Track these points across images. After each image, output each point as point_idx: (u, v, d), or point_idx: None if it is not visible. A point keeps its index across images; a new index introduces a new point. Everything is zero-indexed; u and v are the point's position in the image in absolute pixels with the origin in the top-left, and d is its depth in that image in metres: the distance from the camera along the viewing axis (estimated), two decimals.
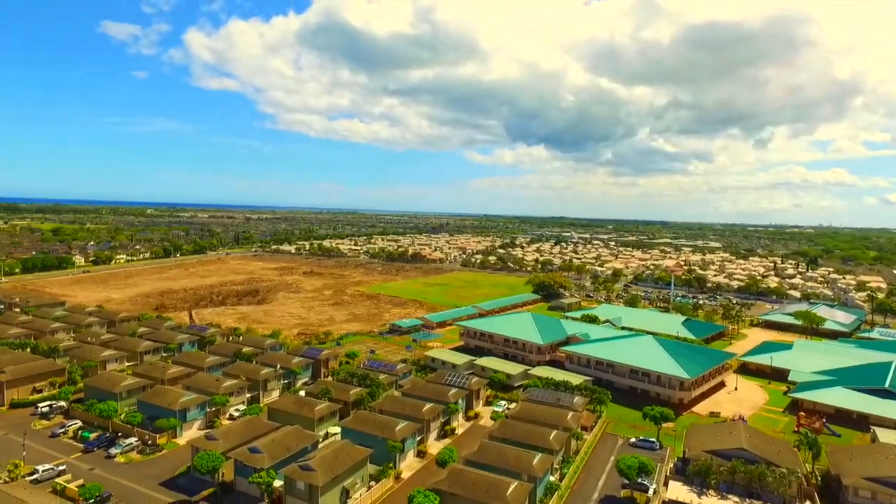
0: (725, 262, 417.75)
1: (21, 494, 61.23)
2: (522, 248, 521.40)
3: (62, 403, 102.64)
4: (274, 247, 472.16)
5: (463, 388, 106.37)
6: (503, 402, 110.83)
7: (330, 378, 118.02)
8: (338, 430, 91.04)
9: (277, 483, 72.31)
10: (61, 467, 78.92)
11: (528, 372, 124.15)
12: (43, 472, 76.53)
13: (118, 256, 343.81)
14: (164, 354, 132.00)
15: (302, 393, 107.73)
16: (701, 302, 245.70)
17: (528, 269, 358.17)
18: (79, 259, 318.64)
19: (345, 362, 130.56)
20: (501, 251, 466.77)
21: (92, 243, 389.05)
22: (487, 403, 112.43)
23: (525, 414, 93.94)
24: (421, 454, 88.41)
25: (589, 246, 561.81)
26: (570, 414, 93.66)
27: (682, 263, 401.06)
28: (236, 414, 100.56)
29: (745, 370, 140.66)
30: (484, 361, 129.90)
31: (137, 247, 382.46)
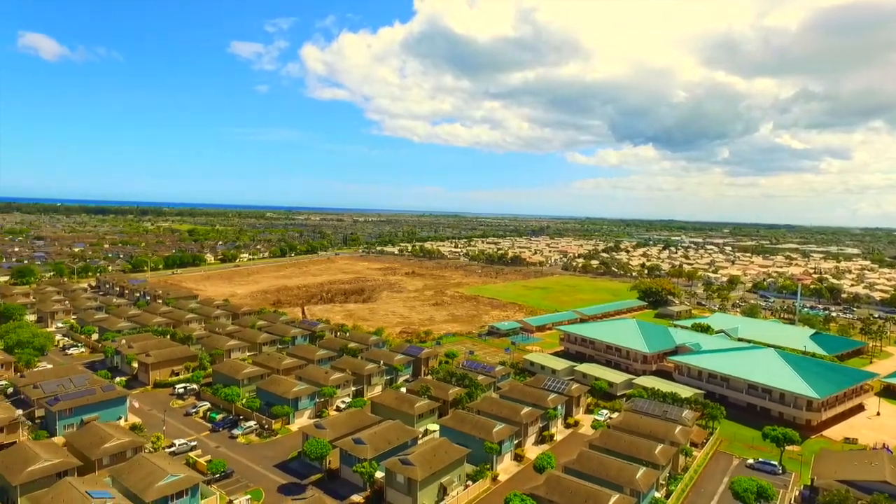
0: (865, 271, 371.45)
1: (162, 463, 69.15)
2: (627, 252, 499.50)
3: (194, 386, 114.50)
4: (378, 248, 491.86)
5: (562, 393, 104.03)
6: (605, 411, 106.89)
7: (430, 376, 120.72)
8: (436, 427, 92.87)
9: (379, 474, 75.31)
10: (193, 443, 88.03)
11: (633, 381, 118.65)
12: (179, 445, 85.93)
13: (242, 255, 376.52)
14: (279, 346, 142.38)
15: (403, 389, 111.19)
16: (833, 314, 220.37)
17: (634, 274, 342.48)
18: (209, 257, 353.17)
19: (444, 362, 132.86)
20: (605, 255, 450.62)
21: (220, 243, 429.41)
22: (588, 411, 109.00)
23: (629, 425, 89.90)
24: (518, 458, 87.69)
25: (701, 251, 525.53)
26: (679, 428, 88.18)
27: (812, 271, 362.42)
28: (342, 406, 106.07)
29: (890, 393, 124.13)
30: (585, 368, 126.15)
31: (258, 247, 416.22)
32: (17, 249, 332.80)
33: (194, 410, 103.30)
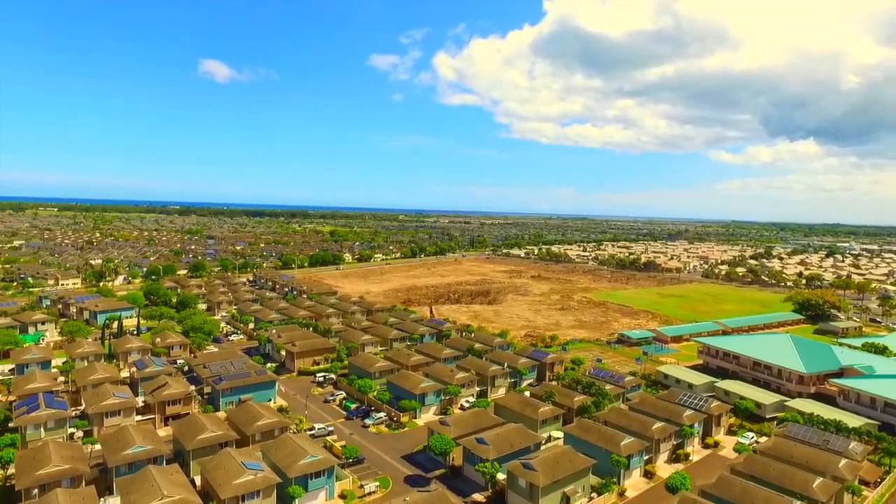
0: None
1: (304, 444, 75.82)
2: (781, 259, 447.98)
3: (332, 376, 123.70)
4: (505, 250, 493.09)
5: (700, 410, 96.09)
6: (750, 434, 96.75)
7: (554, 382, 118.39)
8: (560, 434, 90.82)
9: (500, 476, 75.43)
10: (330, 428, 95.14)
11: (785, 404, 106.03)
12: (318, 429, 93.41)
13: (376, 255, 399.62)
14: (408, 343, 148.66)
15: (527, 393, 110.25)
16: None
17: (789, 284, 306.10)
18: (347, 256, 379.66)
19: (570, 368, 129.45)
20: (753, 262, 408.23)
21: (357, 244, 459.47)
22: (730, 433, 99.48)
23: (780, 452, 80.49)
24: (648, 475, 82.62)
25: (877, 259, 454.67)
26: (844, 461, 77.06)
27: None
28: (466, 405, 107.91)
29: None
30: (728, 385, 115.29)
31: (391, 248, 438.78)
32: (193, 247, 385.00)
33: (332, 398, 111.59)
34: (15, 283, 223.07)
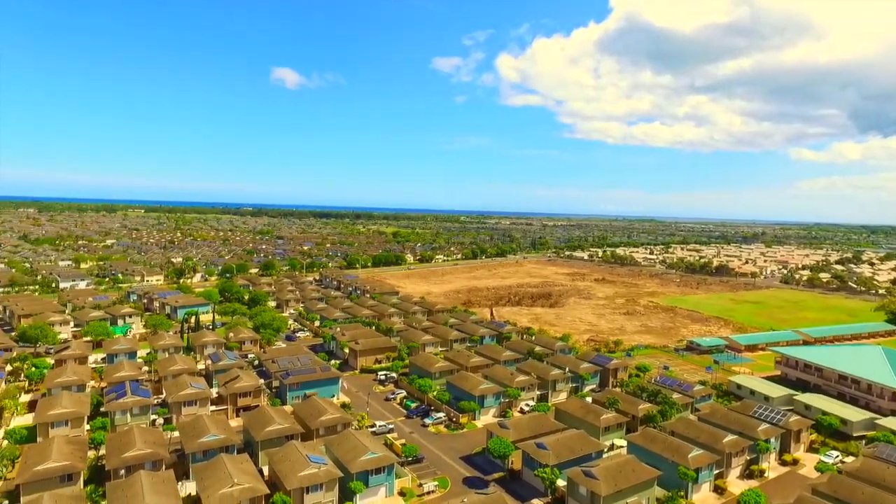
0: None
1: (365, 441, 77.57)
2: (872, 264, 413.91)
3: (394, 375, 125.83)
4: (567, 253, 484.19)
5: (777, 425, 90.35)
6: (834, 453, 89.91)
7: (618, 389, 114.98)
8: (623, 443, 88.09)
9: (560, 482, 74.05)
10: (391, 426, 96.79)
11: (876, 422, 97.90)
12: (379, 427, 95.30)
13: (437, 256, 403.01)
14: (468, 344, 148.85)
15: (589, 399, 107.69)
16: None
17: (881, 291, 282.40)
18: (409, 257, 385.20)
19: (635, 375, 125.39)
20: (839, 267, 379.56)
21: (419, 245, 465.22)
22: (811, 450, 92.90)
23: (869, 474, 74.33)
24: (718, 490, 78.52)
25: None
26: None
27: None
28: (526, 409, 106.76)
29: None
30: (809, 399, 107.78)
31: (452, 249, 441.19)
32: (264, 247, 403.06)
33: (392, 397, 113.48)
34: (107, 279, 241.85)
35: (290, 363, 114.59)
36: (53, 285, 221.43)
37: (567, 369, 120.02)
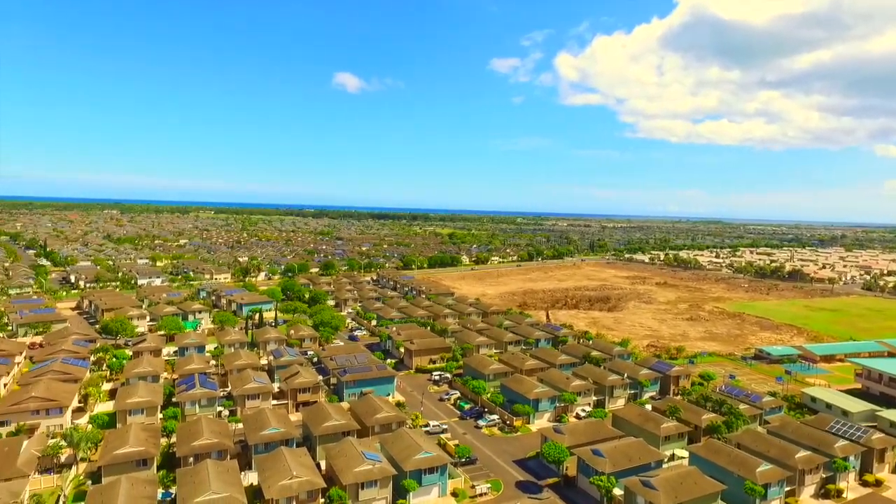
0: None
1: (419, 440, 78.34)
2: None
3: (448, 375, 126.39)
4: (627, 255, 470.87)
5: (857, 442, 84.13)
6: None
7: (679, 397, 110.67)
8: (685, 454, 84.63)
9: (617, 491, 72.00)
10: (444, 426, 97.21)
11: None
12: (433, 426, 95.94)
13: (493, 258, 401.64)
14: (523, 347, 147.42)
15: (648, 406, 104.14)
16: None
17: None
18: (465, 258, 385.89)
19: (698, 383, 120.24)
20: None
21: (475, 246, 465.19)
22: None
23: None
24: None
25: None
26: None
27: None
28: (582, 414, 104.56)
29: None
30: (894, 415, 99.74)
31: (508, 250, 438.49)
32: (324, 247, 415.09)
33: (446, 397, 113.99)
34: (179, 277, 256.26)
35: (348, 361, 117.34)
36: (132, 282, 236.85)
37: (625, 375, 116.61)
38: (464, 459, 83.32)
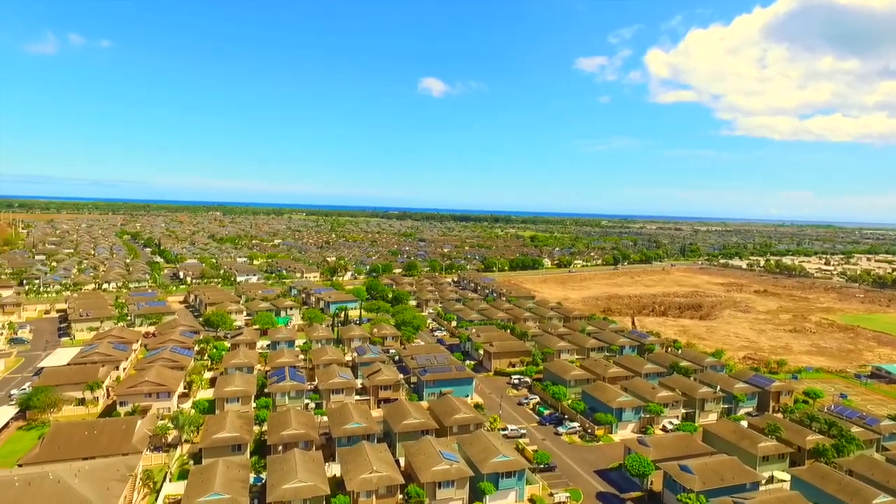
0: None
1: (497, 443, 77.93)
2: None
3: (527, 379, 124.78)
4: (722, 261, 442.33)
5: None
6: None
7: (780, 414, 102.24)
8: (786, 477, 78.03)
9: None
10: (522, 431, 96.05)
11: None
12: (511, 430, 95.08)
13: (576, 261, 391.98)
14: (606, 354, 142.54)
15: (743, 423, 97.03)
16: None
17: None
18: (546, 261, 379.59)
19: (802, 401, 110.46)
20: None
21: (557, 249, 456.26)
22: None
23: None
24: None
25: None
26: None
27: None
28: (669, 427, 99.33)
29: None
30: None
31: (591, 254, 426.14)
32: (407, 248, 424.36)
33: (525, 402, 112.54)
34: (273, 275, 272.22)
35: (428, 361, 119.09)
36: (232, 279, 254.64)
37: (718, 388, 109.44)
38: (542, 466, 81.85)
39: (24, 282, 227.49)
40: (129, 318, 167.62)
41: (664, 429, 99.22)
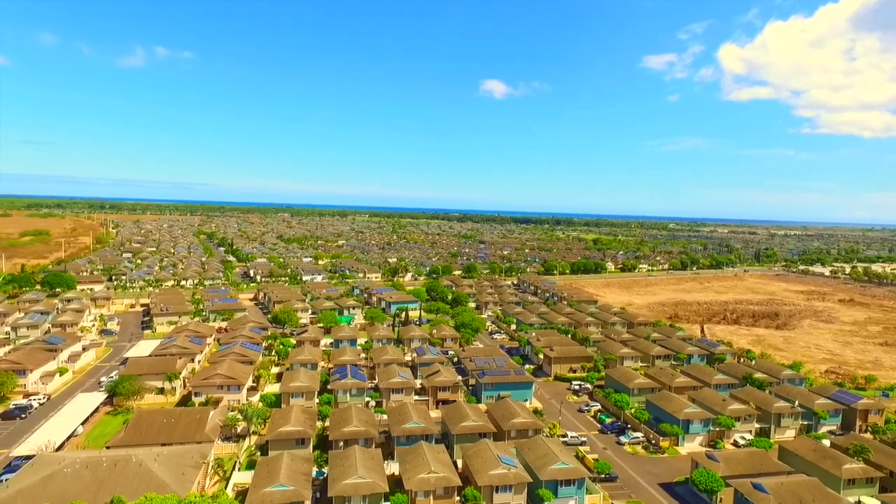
0: None
1: (556, 449, 76.43)
2: None
3: (588, 386, 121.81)
4: (801, 267, 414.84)
5: None
6: None
7: (868, 434, 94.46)
8: (876, 503, 71.94)
9: None
10: (583, 438, 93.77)
11: None
12: (570, 437, 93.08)
13: (641, 265, 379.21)
14: (672, 362, 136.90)
15: (825, 442, 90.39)
16: None
17: None
18: (610, 265, 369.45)
19: (894, 420, 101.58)
20: None
21: (621, 253, 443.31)
22: None
23: None
24: None
25: None
26: None
27: None
28: (741, 442, 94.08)
29: None
30: None
31: (658, 258, 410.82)
32: (467, 250, 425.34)
33: (586, 409, 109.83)
34: (337, 274, 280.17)
35: (487, 363, 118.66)
36: (298, 278, 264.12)
37: (796, 403, 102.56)
38: (603, 475, 79.57)
39: (113, 277, 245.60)
40: (204, 313, 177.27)
41: (735, 444, 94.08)
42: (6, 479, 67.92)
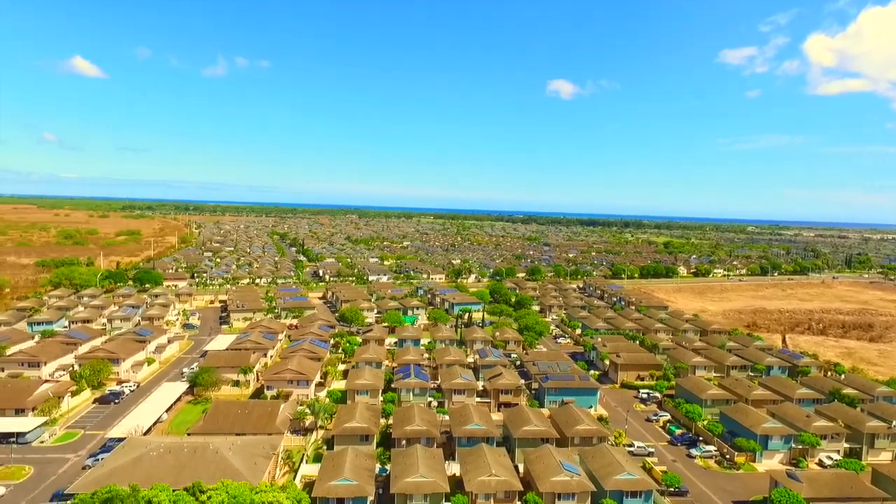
0: None
1: (621, 459, 74.16)
2: None
3: (657, 395, 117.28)
4: None
5: None
6: None
7: None
8: None
9: None
10: (650, 449, 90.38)
11: None
12: (637, 447, 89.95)
13: (715, 270, 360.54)
14: (750, 374, 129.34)
15: None
16: None
17: None
18: (682, 270, 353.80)
19: None
20: None
21: (694, 256, 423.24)
22: None
23: None
24: None
25: None
26: None
27: None
28: (827, 462, 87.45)
29: None
30: None
31: (734, 263, 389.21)
32: (531, 253, 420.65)
33: (655, 418, 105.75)
34: (402, 275, 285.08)
35: (550, 368, 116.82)
36: (364, 278, 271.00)
37: (893, 424, 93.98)
38: (672, 489, 76.34)
39: (195, 275, 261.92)
40: (276, 310, 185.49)
41: (820, 463, 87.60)
42: (102, 458, 74.26)
